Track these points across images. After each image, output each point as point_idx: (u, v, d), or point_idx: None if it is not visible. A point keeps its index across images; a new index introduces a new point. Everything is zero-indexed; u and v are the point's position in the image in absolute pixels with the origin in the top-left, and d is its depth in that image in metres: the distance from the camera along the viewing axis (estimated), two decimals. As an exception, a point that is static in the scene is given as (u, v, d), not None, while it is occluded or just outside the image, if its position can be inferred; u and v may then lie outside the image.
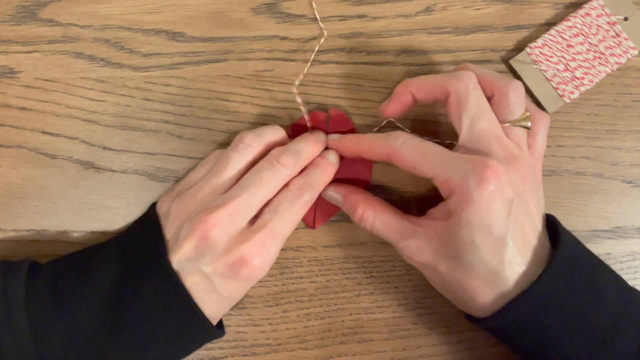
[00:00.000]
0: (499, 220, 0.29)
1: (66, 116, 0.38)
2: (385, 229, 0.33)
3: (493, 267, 0.29)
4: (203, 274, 0.30)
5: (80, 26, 0.38)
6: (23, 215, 0.37)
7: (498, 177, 0.29)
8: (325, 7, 0.38)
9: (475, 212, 0.29)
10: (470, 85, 0.32)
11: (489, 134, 0.31)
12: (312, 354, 0.37)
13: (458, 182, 0.29)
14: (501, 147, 0.31)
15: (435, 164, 0.31)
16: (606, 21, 0.37)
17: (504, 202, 0.29)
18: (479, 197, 0.29)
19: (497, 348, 0.37)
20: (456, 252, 0.30)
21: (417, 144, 0.31)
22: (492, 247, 0.29)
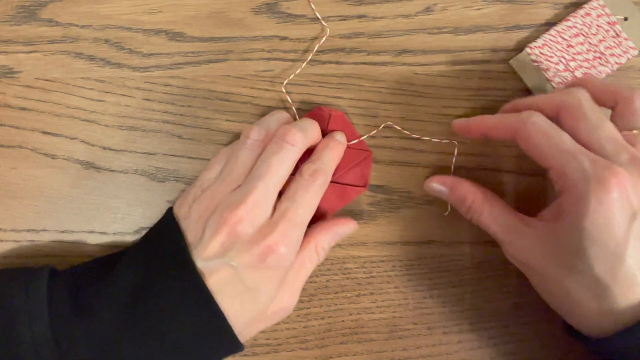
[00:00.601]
0: (618, 232, 0.27)
1: (66, 116, 0.38)
2: (493, 223, 0.32)
3: (605, 282, 0.27)
4: (231, 267, 0.30)
5: (80, 26, 0.38)
6: (23, 215, 0.37)
7: (622, 184, 0.27)
8: (325, 7, 0.38)
9: (591, 218, 0.27)
10: (582, 100, 0.30)
11: (612, 140, 0.29)
12: (312, 354, 0.37)
13: (576, 182, 0.28)
14: (628, 154, 0.29)
15: (558, 154, 0.29)
16: (606, 21, 0.37)
17: (626, 213, 0.27)
18: (596, 203, 0.27)
19: (497, 348, 0.38)
20: (565, 259, 0.28)
21: (548, 127, 0.30)
22: (605, 259, 0.27)
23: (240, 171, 0.33)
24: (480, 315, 0.38)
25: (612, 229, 0.27)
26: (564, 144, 0.29)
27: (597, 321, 0.29)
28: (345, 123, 0.37)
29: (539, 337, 0.38)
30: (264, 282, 0.31)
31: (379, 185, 0.38)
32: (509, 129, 0.31)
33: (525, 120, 0.30)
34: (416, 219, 0.38)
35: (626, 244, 0.27)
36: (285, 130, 0.32)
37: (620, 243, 0.27)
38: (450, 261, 0.38)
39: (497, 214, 0.32)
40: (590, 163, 0.28)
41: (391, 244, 0.38)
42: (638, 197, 0.27)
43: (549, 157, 0.29)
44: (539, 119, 0.30)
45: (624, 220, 0.27)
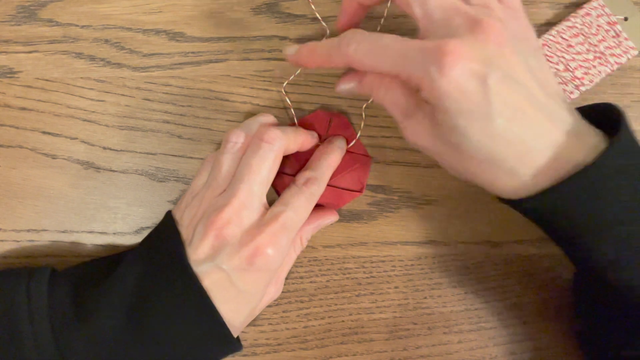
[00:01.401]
0: (476, 99, 0.27)
1: (66, 116, 0.38)
2: (392, 105, 0.31)
3: (485, 146, 0.28)
4: (221, 271, 0.30)
5: (80, 26, 0.38)
6: (23, 215, 0.37)
7: (459, 57, 0.26)
8: (325, 7, 0.38)
9: (448, 98, 0.27)
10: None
11: (442, 8, 0.28)
12: (312, 354, 0.37)
13: (420, 77, 0.27)
14: (461, 18, 0.28)
15: (393, 62, 0.29)
16: (606, 21, 0.37)
17: (476, 80, 0.27)
18: (446, 85, 0.27)
19: (498, 348, 0.38)
20: (447, 138, 0.29)
21: (369, 44, 0.29)
22: (477, 126, 0.27)
23: (224, 176, 0.33)
24: (480, 315, 0.38)
25: (469, 98, 0.27)
26: (392, 50, 0.29)
27: (504, 183, 0.29)
28: (347, 127, 0.37)
29: (539, 337, 0.38)
30: (255, 284, 0.32)
31: (379, 185, 0.38)
32: (339, 61, 0.31)
33: (347, 49, 0.30)
34: (416, 219, 0.38)
35: (489, 105, 0.27)
36: (262, 130, 0.33)
37: (483, 107, 0.27)
38: (450, 261, 0.38)
39: (396, 97, 0.31)
40: (421, 52, 0.28)
41: (391, 244, 0.38)
42: (479, 58, 0.27)
43: (387, 69, 0.29)
44: (357, 40, 0.30)
45: (476, 86, 0.27)
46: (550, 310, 0.38)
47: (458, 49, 0.27)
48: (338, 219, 0.37)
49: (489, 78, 0.27)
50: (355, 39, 0.30)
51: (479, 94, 0.27)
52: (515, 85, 0.27)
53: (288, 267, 0.36)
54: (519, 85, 0.28)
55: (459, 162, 0.29)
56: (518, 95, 0.27)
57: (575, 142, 0.28)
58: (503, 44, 0.28)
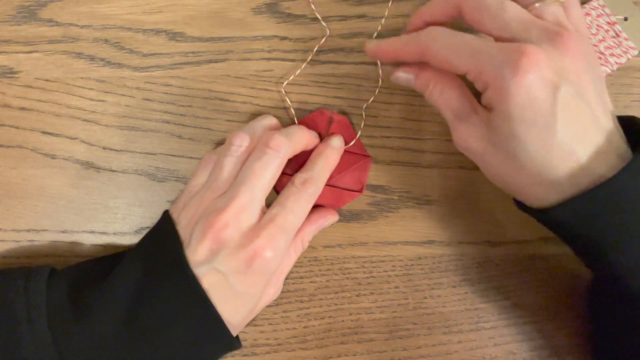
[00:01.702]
0: (543, 108, 0.27)
1: (66, 116, 0.38)
2: (445, 106, 0.31)
3: (540, 157, 0.28)
4: (219, 273, 0.30)
5: (80, 26, 0.38)
6: (23, 215, 0.37)
7: (537, 62, 0.26)
8: (325, 7, 0.38)
9: (515, 104, 0.27)
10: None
11: (519, 20, 0.28)
12: (312, 354, 0.37)
13: (492, 75, 0.27)
14: (537, 29, 0.28)
15: (467, 57, 0.29)
16: (606, 21, 0.37)
17: (546, 88, 0.27)
18: (516, 88, 0.27)
19: (498, 348, 0.37)
20: (502, 144, 0.28)
21: (449, 37, 0.29)
22: (537, 136, 0.27)
23: (225, 178, 0.33)
24: (480, 315, 0.38)
25: (536, 106, 0.27)
26: (469, 46, 0.29)
27: (542, 194, 0.29)
28: (347, 127, 0.37)
29: (539, 337, 0.38)
30: (252, 286, 0.32)
31: (379, 185, 0.38)
32: (415, 51, 0.31)
33: (426, 39, 0.30)
34: (416, 219, 0.38)
35: (554, 117, 0.27)
36: (269, 136, 0.33)
37: (547, 117, 0.27)
38: (450, 261, 0.38)
39: (451, 98, 0.31)
40: (499, 51, 0.28)
41: (391, 244, 0.38)
42: (555, 68, 0.27)
43: (461, 64, 0.29)
44: (438, 32, 0.30)
45: (546, 95, 0.27)
46: (551, 310, 0.38)
47: (536, 54, 0.27)
48: (338, 219, 0.37)
49: (560, 90, 0.27)
50: (437, 30, 0.30)
51: (547, 104, 0.27)
52: (582, 103, 0.28)
53: (288, 267, 0.36)
54: (585, 105, 0.28)
55: (508, 170, 0.29)
56: (583, 114, 0.28)
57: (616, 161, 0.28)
58: (579, 59, 0.28)
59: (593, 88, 0.28)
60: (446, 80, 0.32)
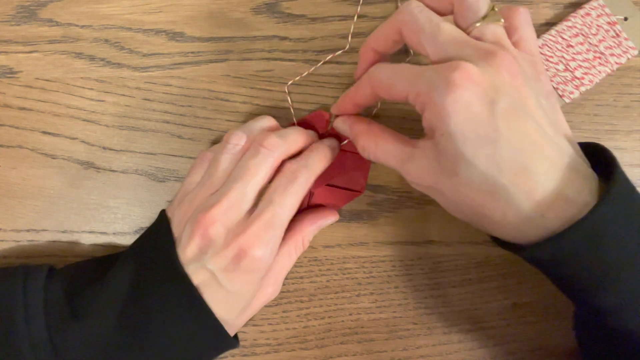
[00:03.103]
0: (483, 123, 0.26)
1: (66, 116, 0.38)
2: (385, 157, 0.31)
3: (491, 175, 0.26)
4: (208, 272, 0.30)
5: (80, 26, 0.38)
6: (23, 215, 0.37)
7: (469, 77, 0.26)
8: (326, 7, 0.38)
9: (454, 121, 0.26)
10: (414, 10, 0.29)
11: (453, 41, 0.28)
12: (312, 354, 0.37)
13: (427, 93, 0.27)
14: (473, 49, 0.28)
15: (406, 81, 0.29)
16: (606, 21, 0.37)
17: (483, 101, 0.26)
18: (452, 104, 0.26)
19: (498, 348, 0.38)
20: (451, 168, 0.27)
21: (390, 67, 0.30)
22: (483, 154, 0.26)
23: (220, 175, 0.33)
24: (480, 315, 0.38)
25: (476, 121, 0.26)
26: (408, 70, 0.29)
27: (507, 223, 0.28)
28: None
29: (539, 337, 0.38)
30: (244, 285, 0.31)
31: (379, 185, 0.38)
32: (366, 89, 0.31)
33: (372, 72, 0.31)
34: (416, 219, 0.38)
35: (496, 130, 0.26)
36: (264, 136, 0.33)
37: (489, 132, 0.26)
38: (450, 261, 0.38)
39: (388, 148, 0.31)
40: (433, 72, 0.27)
41: (391, 244, 0.38)
42: (489, 82, 0.26)
43: (402, 88, 0.29)
44: (382, 65, 0.31)
45: (484, 109, 0.26)
46: (551, 310, 0.38)
47: (469, 69, 0.26)
48: (338, 218, 0.37)
49: (498, 103, 0.26)
50: (381, 64, 0.31)
51: (487, 119, 0.26)
52: (524, 115, 0.27)
53: (288, 267, 0.35)
54: (528, 116, 0.27)
55: (464, 196, 0.28)
56: (527, 126, 0.27)
57: (582, 183, 0.27)
58: (515, 75, 0.27)
59: (536, 102, 0.28)
60: (378, 132, 0.32)
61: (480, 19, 0.29)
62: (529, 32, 0.31)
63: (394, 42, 0.32)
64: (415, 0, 0.30)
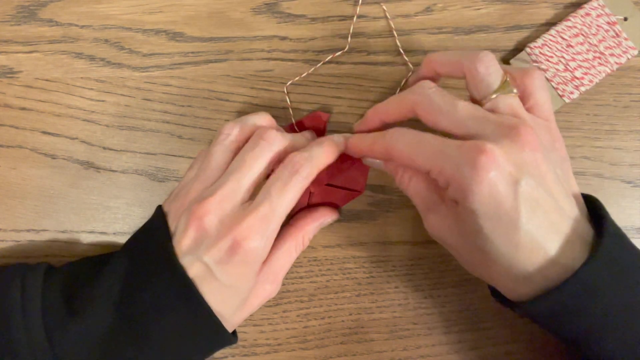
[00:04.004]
0: (506, 205, 0.27)
1: (66, 116, 0.38)
2: (414, 195, 0.32)
3: (508, 252, 0.28)
4: (202, 264, 0.30)
5: (80, 26, 0.38)
6: (23, 215, 0.37)
7: (494, 160, 0.27)
8: (326, 7, 0.38)
9: (477, 201, 0.27)
10: (428, 92, 0.31)
11: (473, 116, 0.29)
12: (312, 354, 0.37)
13: (452, 174, 0.28)
14: (492, 124, 0.29)
15: (428, 157, 0.29)
16: (606, 21, 0.37)
17: (508, 185, 0.27)
18: (477, 186, 0.27)
19: (497, 348, 0.37)
20: (469, 238, 0.29)
21: (412, 137, 0.30)
22: (503, 233, 0.28)
23: (213, 167, 0.32)
24: (480, 315, 0.38)
25: (499, 203, 0.27)
26: (430, 145, 0.29)
27: (512, 287, 0.30)
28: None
29: (539, 337, 0.38)
30: (239, 278, 0.31)
31: (379, 185, 0.38)
32: (380, 151, 0.32)
33: (390, 140, 0.31)
34: (416, 219, 0.38)
35: (517, 213, 0.27)
36: (263, 130, 0.33)
37: (511, 214, 0.27)
38: (450, 261, 0.38)
39: (420, 188, 0.32)
40: (457, 151, 0.28)
41: (391, 244, 0.38)
42: (513, 163, 0.27)
43: (422, 162, 0.30)
44: (400, 133, 0.31)
45: (508, 192, 0.27)
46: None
47: (494, 151, 0.27)
48: (338, 218, 0.37)
49: (521, 185, 0.27)
50: (400, 131, 0.31)
51: (510, 200, 0.27)
52: (545, 194, 0.28)
53: (288, 265, 0.35)
54: (548, 195, 0.28)
55: (479, 262, 0.30)
56: (547, 206, 0.28)
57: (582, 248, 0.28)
58: (537, 150, 0.28)
59: (554, 177, 0.29)
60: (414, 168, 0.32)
61: (493, 91, 0.30)
62: (544, 97, 0.32)
63: (403, 117, 0.33)
64: (427, 82, 0.31)
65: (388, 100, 0.33)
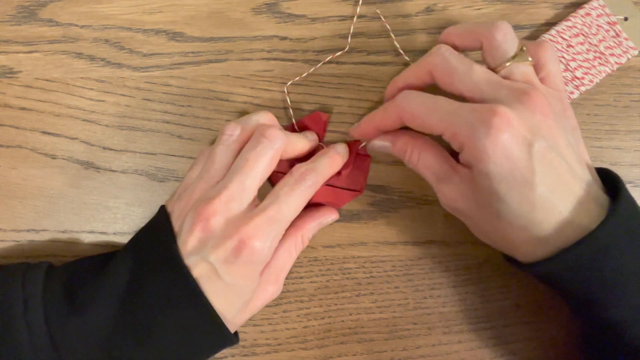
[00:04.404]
0: (521, 166, 0.28)
1: (66, 116, 0.38)
2: (426, 170, 0.32)
3: (524, 213, 0.28)
4: (208, 263, 0.30)
5: (80, 26, 0.38)
6: (23, 215, 0.37)
7: (508, 121, 0.28)
8: (326, 7, 0.38)
9: (492, 162, 0.28)
10: (445, 53, 0.31)
11: (488, 81, 0.30)
12: (312, 354, 0.37)
13: (466, 135, 0.28)
14: (506, 89, 0.29)
15: (442, 118, 0.30)
16: (606, 21, 0.37)
17: (522, 146, 0.28)
18: (492, 147, 0.28)
19: (497, 348, 0.38)
20: (485, 202, 0.29)
21: (423, 99, 0.31)
22: (518, 193, 0.28)
23: (217, 167, 0.33)
24: (480, 315, 0.38)
25: (513, 163, 0.28)
26: (442, 108, 0.30)
27: (530, 250, 0.30)
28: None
29: (539, 337, 0.38)
30: (242, 277, 0.31)
31: (379, 185, 0.38)
32: (393, 117, 0.32)
33: (401, 102, 0.31)
34: (416, 219, 0.38)
35: (532, 173, 0.28)
36: (264, 127, 0.33)
37: (525, 174, 0.28)
38: (450, 261, 0.38)
39: (430, 161, 0.32)
40: (471, 113, 0.29)
41: (391, 244, 0.38)
42: (526, 126, 0.28)
43: (436, 124, 0.30)
44: (412, 95, 0.31)
45: (522, 152, 0.28)
46: (551, 310, 0.38)
47: (508, 113, 0.28)
48: (338, 217, 0.37)
49: (535, 146, 0.28)
50: (412, 94, 0.31)
51: (524, 161, 0.28)
52: (558, 157, 0.29)
53: (289, 265, 0.35)
54: (561, 158, 0.29)
55: (495, 227, 0.30)
56: (560, 167, 0.29)
57: (598, 211, 0.29)
58: (548, 116, 0.29)
59: (566, 142, 0.30)
60: (422, 144, 0.33)
61: (509, 59, 0.31)
62: (556, 68, 0.32)
63: (422, 83, 0.33)
64: (444, 45, 0.32)
65: (406, 70, 0.34)
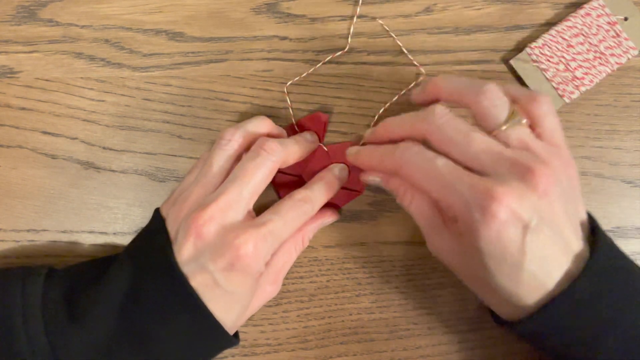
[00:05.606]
0: (513, 247, 0.27)
1: (66, 116, 0.38)
2: (419, 216, 0.32)
3: (510, 287, 0.29)
4: (205, 271, 0.30)
5: (80, 26, 0.38)
6: (23, 215, 0.37)
7: (504, 205, 0.27)
8: (326, 7, 0.38)
9: (485, 241, 0.28)
10: (439, 122, 0.30)
11: (487, 151, 0.29)
12: (312, 354, 0.37)
13: (461, 212, 0.28)
14: (508, 164, 0.28)
15: (439, 189, 0.29)
16: (606, 21, 0.37)
17: (517, 229, 0.27)
18: (485, 230, 0.27)
19: (497, 348, 0.37)
20: (472, 269, 0.30)
21: (423, 162, 0.30)
22: (506, 271, 0.28)
23: (214, 172, 0.32)
24: (480, 315, 0.38)
25: (506, 246, 0.27)
26: (441, 176, 0.29)
27: (510, 311, 0.31)
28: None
29: (539, 337, 0.38)
30: (240, 285, 0.31)
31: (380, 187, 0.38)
32: (389, 167, 0.32)
33: (400, 159, 0.31)
34: (416, 219, 0.38)
35: (523, 255, 0.27)
36: (264, 139, 0.33)
37: (516, 255, 0.28)
38: (450, 261, 0.38)
39: (423, 207, 0.31)
40: (469, 190, 0.28)
41: (391, 244, 0.38)
42: (525, 208, 0.27)
43: (433, 192, 0.30)
44: (412, 153, 0.30)
45: (516, 236, 0.27)
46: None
47: (506, 197, 0.27)
48: (338, 218, 0.37)
49: (530, 229, 0.27)
50: (413, 150, 0.30)
51: (517, 243, 0.27)
52: (554, 235, 0.28)
53: (289, 265, 0.35)
54: (556, 236, 0.28)
55: (478, 286, 0.31)
56: (555, 246, 0.28)
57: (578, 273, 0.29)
58: (550, 191, 0.28)
59: (565, 214, 0.29)
60: (416, 188, 0.32)
61: (502, 123, 0.29)
62: (553, 123, 0.30)
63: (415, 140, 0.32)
64: (439, 107, 0.30)
65: (402, 119, 0.33)
